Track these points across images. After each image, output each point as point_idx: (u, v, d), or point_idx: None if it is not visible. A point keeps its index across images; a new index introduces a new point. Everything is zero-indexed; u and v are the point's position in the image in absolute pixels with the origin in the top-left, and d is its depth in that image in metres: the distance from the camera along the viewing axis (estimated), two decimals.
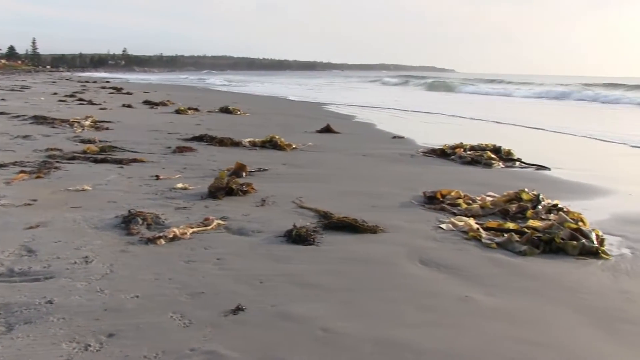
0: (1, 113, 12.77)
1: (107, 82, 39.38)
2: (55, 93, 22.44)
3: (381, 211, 5.08)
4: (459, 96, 33.91)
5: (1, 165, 6.46)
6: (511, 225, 4.55)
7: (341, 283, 3.34)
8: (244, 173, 6.42)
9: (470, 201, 5.38)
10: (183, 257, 3.66)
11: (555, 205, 5.07)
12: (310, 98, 26.87)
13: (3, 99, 17.75)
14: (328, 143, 9.95)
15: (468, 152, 8.50)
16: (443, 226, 4.63)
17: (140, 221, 4.26)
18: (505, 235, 4.28)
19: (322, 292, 3.18)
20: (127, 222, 4.27)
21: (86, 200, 5.07)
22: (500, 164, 8.07)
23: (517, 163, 8.22)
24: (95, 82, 39.59)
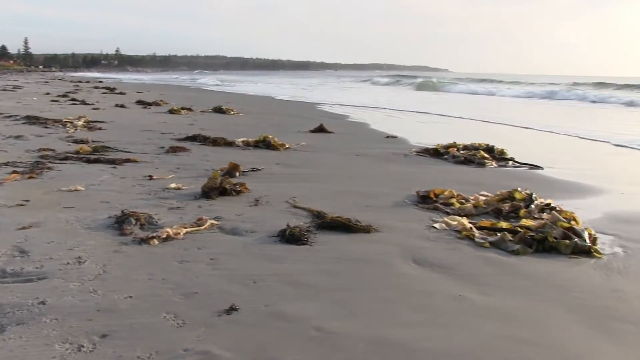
0: None
1: (100, 82, 39.18)
2: (47, 93, 22.28)
3: (374, 211, 5.09)
4: (448, 95, 33.98)
5: None
6: (504, 224, 4.57)
7: (335, 283, 3.34)
8: (238, 173, 6.42)
9: (463, 200, 5.39)
10: (176, 257, 3.65)
11: (548, 204, 5.10)
12: (303, 98, 26.86)
13: None
14: (321, 143, 9.95)
15: (461, 152, 8.52)
16: (436, 225, 4.64)
17: (133, 221, 4.24)
18: (498, 234, 4.30)
19: (316, 292, 3.18)
20: (120, 223, 4.25)
21: (79, 200, 5.04)
22: (493, 164, 8.10)
23: (510, 162, 8.25)
24: (88, 82, 39.37)
